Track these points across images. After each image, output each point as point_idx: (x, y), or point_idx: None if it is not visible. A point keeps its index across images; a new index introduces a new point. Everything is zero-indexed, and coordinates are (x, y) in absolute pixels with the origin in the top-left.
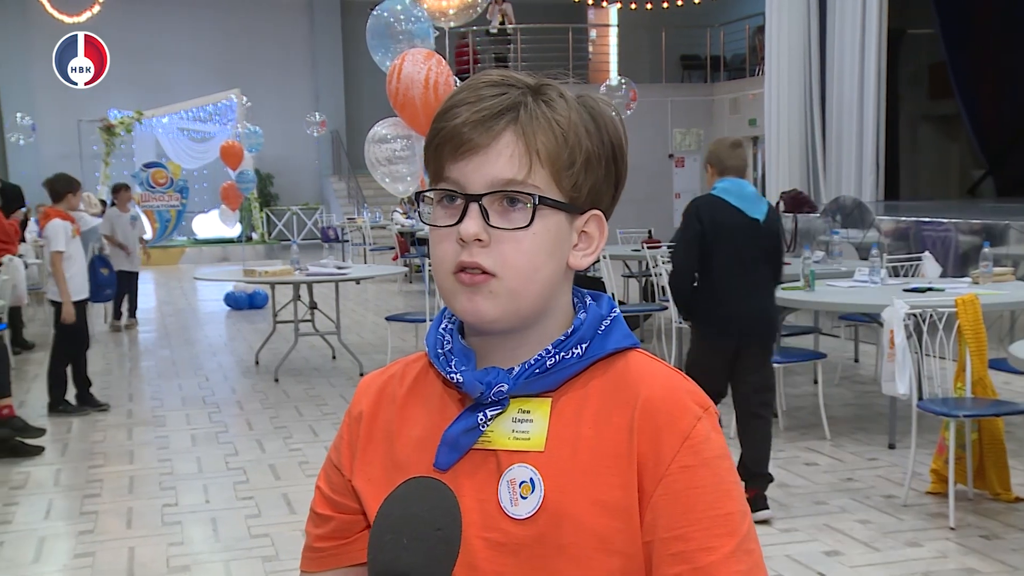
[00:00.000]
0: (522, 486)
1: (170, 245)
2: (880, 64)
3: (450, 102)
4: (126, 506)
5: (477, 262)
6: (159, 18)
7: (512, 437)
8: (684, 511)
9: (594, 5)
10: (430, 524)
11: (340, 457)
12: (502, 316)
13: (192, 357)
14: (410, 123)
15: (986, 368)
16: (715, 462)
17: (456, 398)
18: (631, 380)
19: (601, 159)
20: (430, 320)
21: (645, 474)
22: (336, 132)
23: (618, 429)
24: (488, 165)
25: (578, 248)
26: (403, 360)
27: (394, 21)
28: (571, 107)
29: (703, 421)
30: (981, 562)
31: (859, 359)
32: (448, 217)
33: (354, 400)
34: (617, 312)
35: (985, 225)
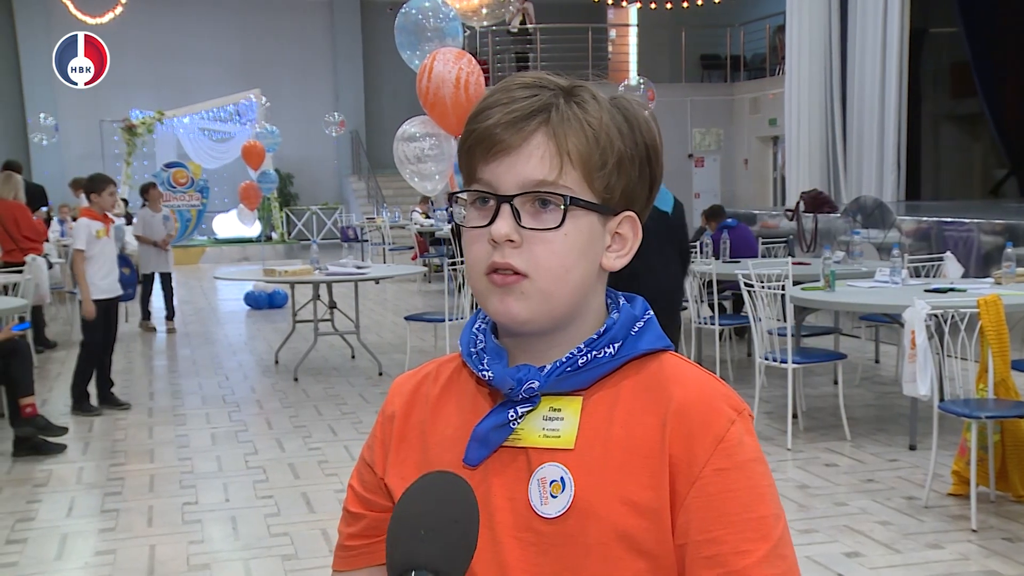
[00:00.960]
0: (552, 485)
1: (190, 245)
2: (902, 63)
3: (483, 104)
4: (147, 504)
5: (509, 263)
6: (181, 19)
7: (542, 435)
8: (718, 515)
9: (614, 5)
10: (447, 517)
11: (373, 456)
12: (534, 317)
13: (212, 356)
14: (440, 122)
15: (1009, 369)
16: (749, 465)
17: (488, 396)
18: (664, 382)
19: (635, 160)
20: (449, 320)
21: (678, 476)
22: (356, 132)
23: (650, 430)
24: (519, 166)
25: (611, 249)
26: (437, 360)
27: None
28: (603, 108)
29: (737, 424)
30: (1003, 565)
31: (880, 360)
32: (481, 218)
33: (387, 400)
34: (651, 314)
35: (1008, 225)
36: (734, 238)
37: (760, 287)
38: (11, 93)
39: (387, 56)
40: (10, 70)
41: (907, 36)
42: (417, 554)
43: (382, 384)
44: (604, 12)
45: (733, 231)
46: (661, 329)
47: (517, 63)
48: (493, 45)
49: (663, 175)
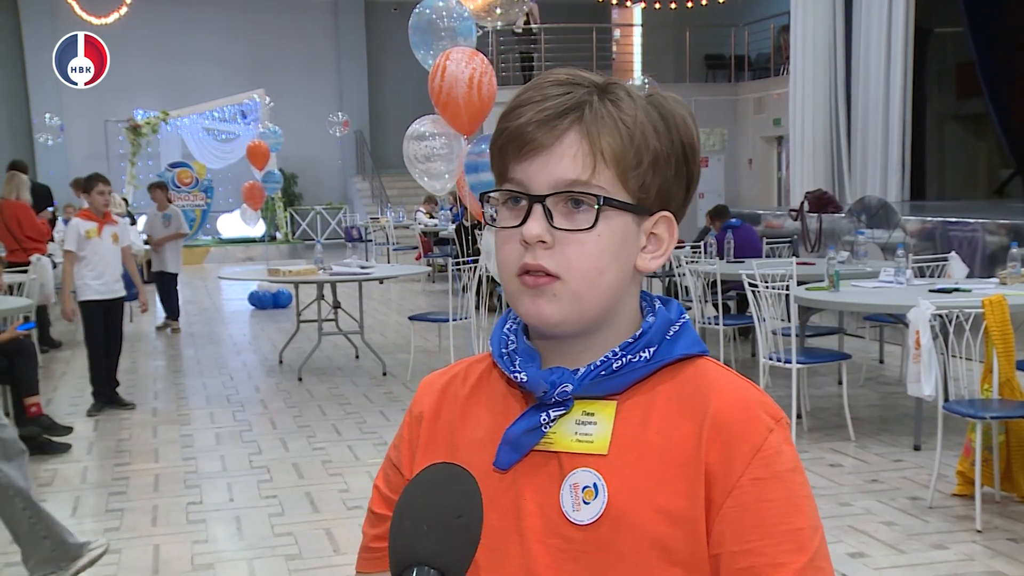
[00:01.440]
0: (585, 491)
1: (195, 244)
2: (906, 63)
3: (515, 101)
4: (151, 504)
5: (540, 264)
6: (185, 19)
7: (575, 439)
8: (754, 525)
9: (618, 5)
10: (451, 511)
11: (400, 456)
12: (565, 319)
13: (216, 356)
14: (452, 122)
15: (1014, 369)
16: (787, 475)
17: (519, 398)
18: (701, 388)
19: (670, 159)
20: (453, 320)
21: (714, 485)
22: (360, 132)
23: (685, 437)
24: (552, 165)
25: (646, 251)
26: (466, 360)
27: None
28: (638, 106)
29: (775, 433)
30: (1008, 565)
31: (884, 360)
32: (512, 218)
33: (415, 399)
34: (686, 318)
35: (1013, 225)
36: (738, 238)
37: (764, 287)
38: (16, 93)
39: (391, 56)
40: (15, 70)
41: (912, 36)
42: (418, 548)
43: (386, 384)
44: (608, 12)
45: (737, 231)
46: (696, 333)
47: (522, 63)
48: (497, 45)
49: (699, 176)
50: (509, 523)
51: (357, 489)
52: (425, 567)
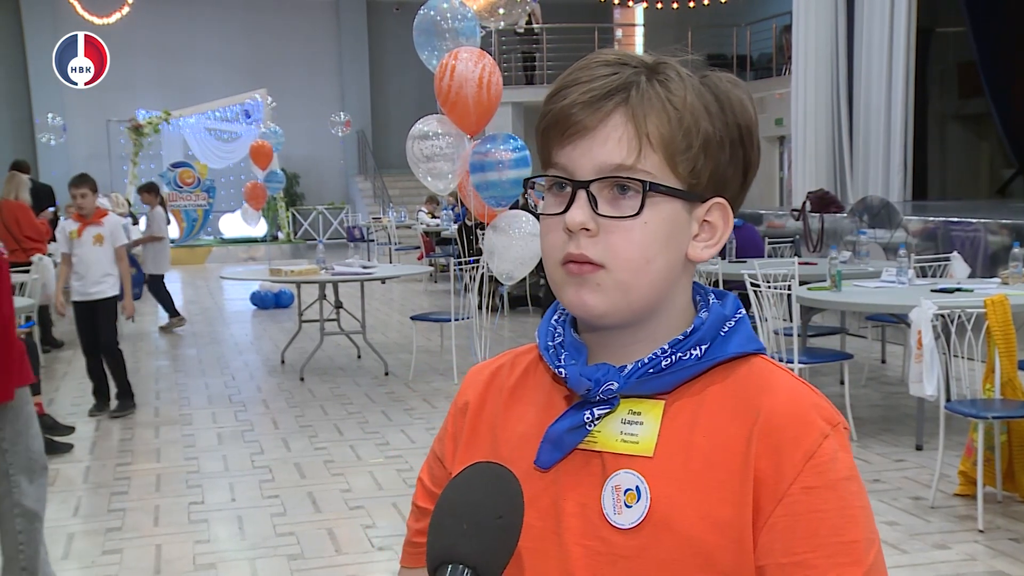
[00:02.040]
0: (627, 494)
1: (197, 244)
2: (908, 63)
3: (561, 82)
4: (153, 504)
5: (584, 253)
6: (187, 19)
7: (620, 439)
8: (806, 536)
9: (620, 5)
10: (491, 512)
11: (444, 449)
12: (611, 310)
13: (218, 356)
14: (459, 121)
15: (1016, 369)
16: (841, 484)
17: (564, 394)
18: (753, 389)
19: (724, 143)
20: (455, 320)
21: (763, 493)
22: (362, 132)
23: (734, 440)
24: (596, 149)
25: (699, 239)
26: (514, 351)
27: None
28: (689, 87)
29: (830, 439)
30: (1011, 565)
31: (886, 360)
32: (556, 205)
33: (460, 391)
34: (743, 314)
35: (1015, 225)
36: (740, 238)
37: (766, 287)
38: (19, 93)
39: (393, 56)
40: (17, 70)
41: (914, 36)
42: (455, 547)
43: (388, 384)
44: (610, 12)
45: (739, 231)
46: (752, 330)
47: (524, 63)
48: (500, 45)
49: (759, 160)
50: (548, 523)
51: (359, 489)
52: (460, 566)
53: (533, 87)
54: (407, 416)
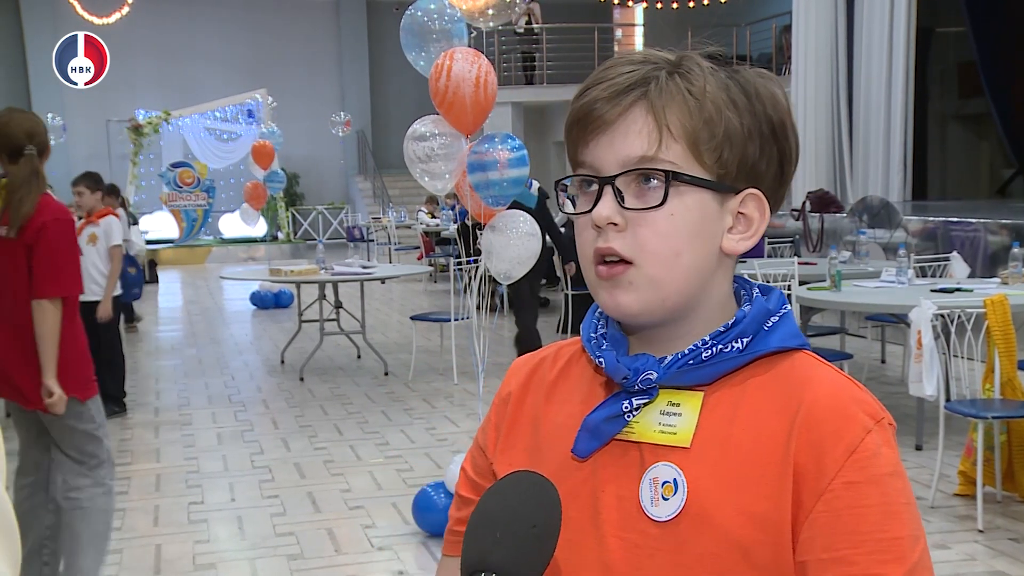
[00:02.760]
0: (664, 486)
1: (196, 244)
2: (908, 63)
3: (585, 83)
4: (153, 504)
5: (612, 247)
6: (187, 19)
7: (658, 430)
8: (847, 532)
9: (620, 4)
10: (526, 521)
11: (486, 439)
12: (645, 308)
13: (218, 356)
14: (456, 122)
15: (1015, 369)
16: (884, 480)
17: (605, 384)
18: (794, 383)
19: (753, 134)
20: (455, 319)
21: (803, 488)
22: (362, 132)
23: (774, 434)
24: (618, 142)
25: (734, 231)
26: (558, 343)
27: (429, 21)
28: (709, 78)
29: (873, 434)
30: (1010, 565)
31: (886, 360)
32: (586, 203)
33: (504, 381)
34: (788, 309)
35: (1015, 225)
36: None
37: None
38: (18, 93)
39: (393, 56)
40: (17, 70)
41: (914, 35)
42: (487, 555)
43: (388, 384)
44: (610, 12)
45: None
46: (797, 326)
47: (524, 63)
48: (499, 45)
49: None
50: (585, 514)
51: (359, 489)
52: (492, 575)
53: (533, 87)
54: (407, 416)
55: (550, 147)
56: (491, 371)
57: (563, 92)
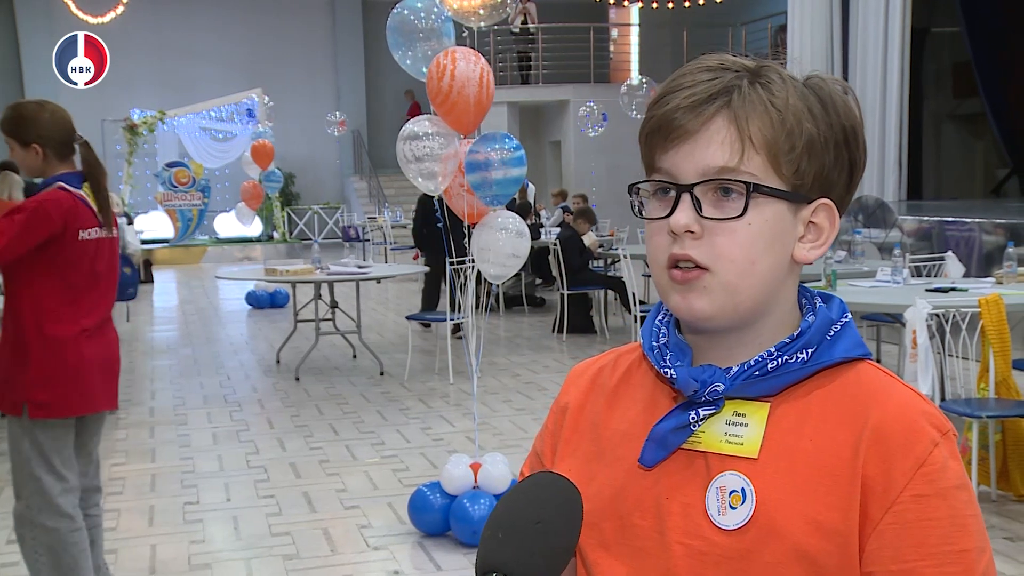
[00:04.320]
0: (732, 496)
1: (192, 244)
2: (903, 63)
3: (664, 89)
4: (148, 504)
5: (688, 254)
6: (183, 18)
7: (724, 440)
8: (915, 544)
9: (616, 4)
10: (529, 518)
11: (543, 446)
12: (718, 313)
13: (213, 356)
14: (457, 121)
15: (1010, 368)
16: (951, 493)
17: (668, 394)
18: (861, 395)
19: (829, 144)
20: (451, 319)
21: (871, 499)
22: (357, 131)
23: (842, 447)
24: (699, 152)
25: (805, 240)
26: (616, 350)
27: (415, 19)
28: (791, 88)
29: (940, 447)
30: (1005, 565)
31: (881, 359)
32: (661, 209)
33: (563, 389)
34: (849, 318)
35: (1009, 225)
36: None
37: None
38: (13, 93)
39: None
40: (12, 70)
41: (908, 36)
42: (491, 555)
43: (383, 384)
44: (606, 11)
45: None
46: (858, 334)
47: (519, 63)
48: (495, 45)
49: (866, 161)
50: (651, 522)
51: (354, 488)
52: (497, 574)
53: (528, 87)
54: (403, 416)
55: (545, 147)
56: (486, 370)
57: (559, 92)
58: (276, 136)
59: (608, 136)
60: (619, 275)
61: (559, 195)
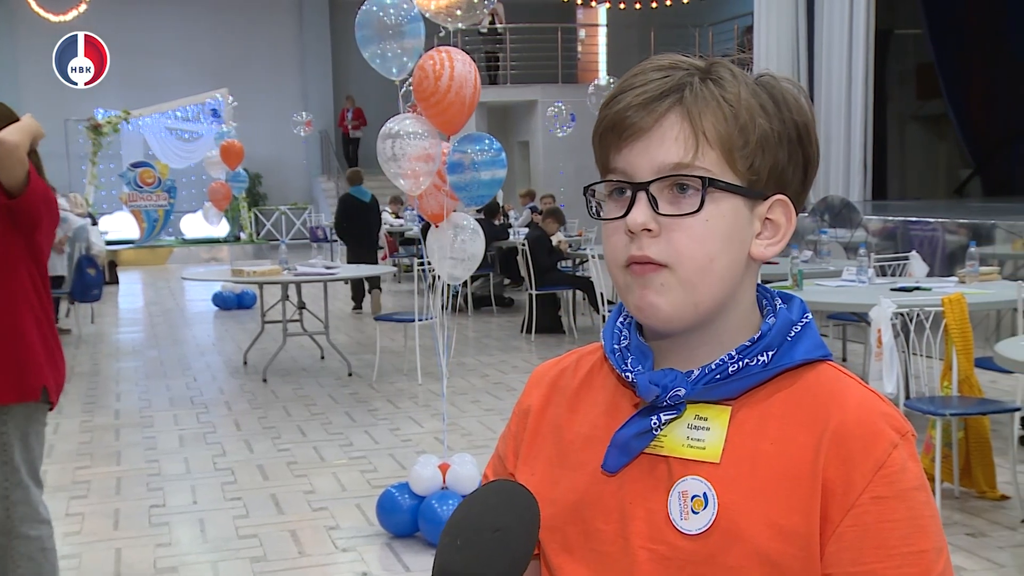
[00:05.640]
0: (694, 500)
1: (158, 245)
2: (868, 64)
3: (616, 88)
4: (113, 507)
5: (646, 254)
6: (148, 17)
7: (686, 444)
8: (875, 545)
9: (583, 5)
10: (487, 526)
11: (506, 449)
12: (677, 311)
13: (180, 357)
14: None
15: (972, 367)
16: (910, 494)
17: (630, 397)
18: (821, 397)
19: (782, 140)
20: (419, 320)
21: (832, 502)
22: (325, 131)
23: (802, 448)
24: (653, 149)
25: (762, 237)
26: (578, 351)
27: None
28: (742, 84)
29: (899, 449)
30: (967, 560)
31: (847, 358)
32: (617, 209)
33: (525, 391)
34: (809, 318)
35: (972, 225)
36: None
37: None
38: None
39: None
40: None
41: (873, 37)
42: (449, 563)
43: (351, 385)
44: (573, 12)
45: None
46: (819, 335)
47: (487, 63)
48: (463, 45)
49: (819, 159)
50: (614, 526)
51: (322, 490)
52: None
53: (497, 87)
54: (371, 417)
55: (514, 147)
56: (455, 371)
57: (527, 92)
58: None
59: (576, 136)
60: (587, 275)
61: (527, 195)
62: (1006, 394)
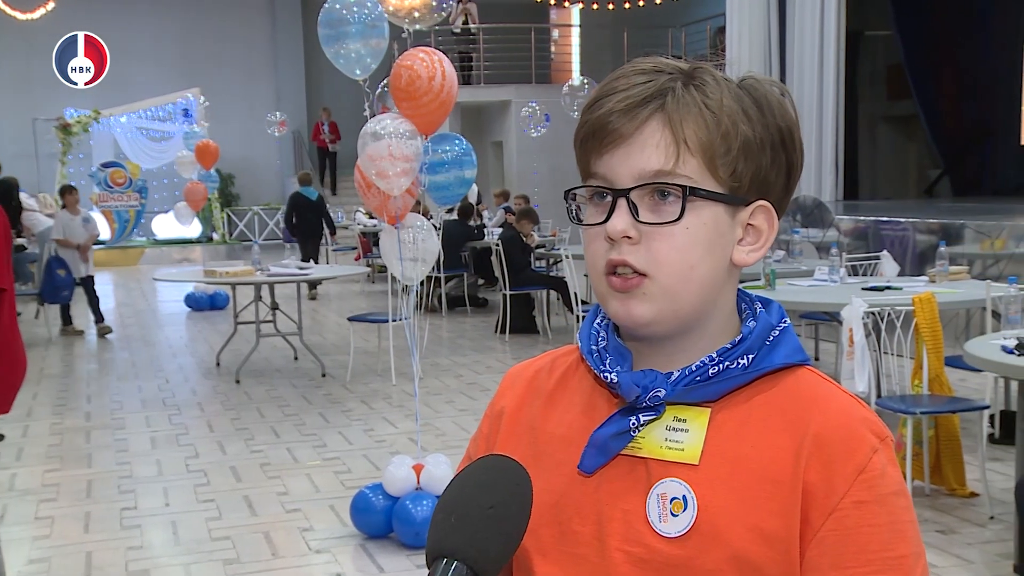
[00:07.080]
0: (673, 503)
1: (129, 246)
2: (839, 65)
3: (597, 92)
4: (83, 510)
5: (626, 260)
6: (118, 15)
7: (665, 446)
8: (855, 551)
9: (556, 5)
10: (482, 503)
11: (476, 449)
12: (657, 318)
13: (152, 359)
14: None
15: (942, 365)
16: (890, 499)
17: (607, 398)
18: (801, 401)
19: (765, 145)
20: (392, 320)
21: (812, 506)
22: (298, 132)
23: (782, 453)
24: (634, 156)
25: (744, 243)
26: (551, 353)
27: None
28: (726, 90)
29: (880, 453)
30: (938, 557)
31: (819, 357)
32: (598, 215)
33: (498, 392)
34: (788, 323)
35: (941, 224)
36: None
37: None
38: None
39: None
40: None
41: (843, 38)
42: (444, 540)
43: (325, 385)
44: (547, 12)
45: None
46: (797, 339)
47: (460, 63)
48: (436, 45)
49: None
50: (590, 528)
51: (296, 491)
52: (451, 560)
53: (470, 87)
54: (344, 418)
55: (488, 147)
56: (429, 371)
57: (500, 92)
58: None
59: (550, 136)
60: (561, 275)
61: (501, 195)
62: (976, 392)
